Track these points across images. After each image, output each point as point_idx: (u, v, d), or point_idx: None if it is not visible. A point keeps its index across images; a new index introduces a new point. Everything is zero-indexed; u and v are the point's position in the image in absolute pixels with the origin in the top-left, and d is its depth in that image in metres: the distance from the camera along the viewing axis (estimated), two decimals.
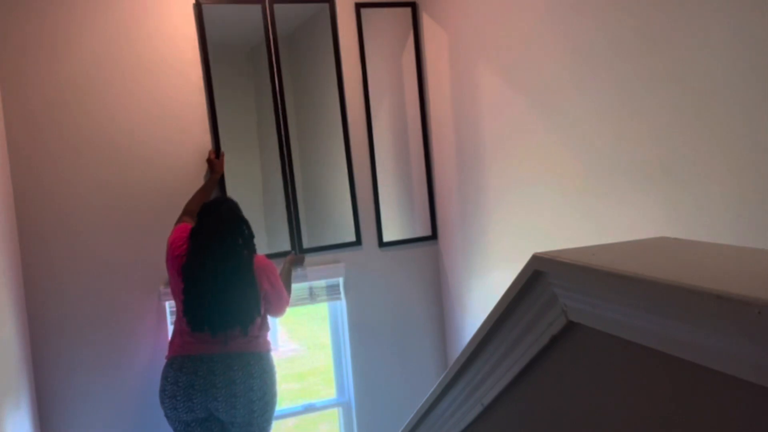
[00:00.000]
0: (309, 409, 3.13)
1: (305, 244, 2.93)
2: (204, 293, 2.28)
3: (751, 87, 1.40)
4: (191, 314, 2.29)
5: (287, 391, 5.81)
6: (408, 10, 3.05)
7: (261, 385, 2.36)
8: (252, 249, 2.38)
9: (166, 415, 2.36)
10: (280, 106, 2.86)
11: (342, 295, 3.04)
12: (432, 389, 1.47)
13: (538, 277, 1.03)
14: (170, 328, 2.70)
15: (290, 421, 3.38)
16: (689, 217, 1.60)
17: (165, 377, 2.35)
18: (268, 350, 2.45)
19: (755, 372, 0.67)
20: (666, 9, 1.61)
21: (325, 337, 3.29)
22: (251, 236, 2.39)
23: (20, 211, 2.53)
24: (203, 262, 2.28)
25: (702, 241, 1.07)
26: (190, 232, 2.36)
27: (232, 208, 2.41)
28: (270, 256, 2.62)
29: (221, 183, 2.77)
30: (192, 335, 2.32)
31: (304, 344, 7.35)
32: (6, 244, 2.30)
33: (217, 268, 2.28)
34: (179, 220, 2.52)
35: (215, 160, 2.74)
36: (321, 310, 3.28)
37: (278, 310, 2.50)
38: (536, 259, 1.02)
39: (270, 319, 2.54)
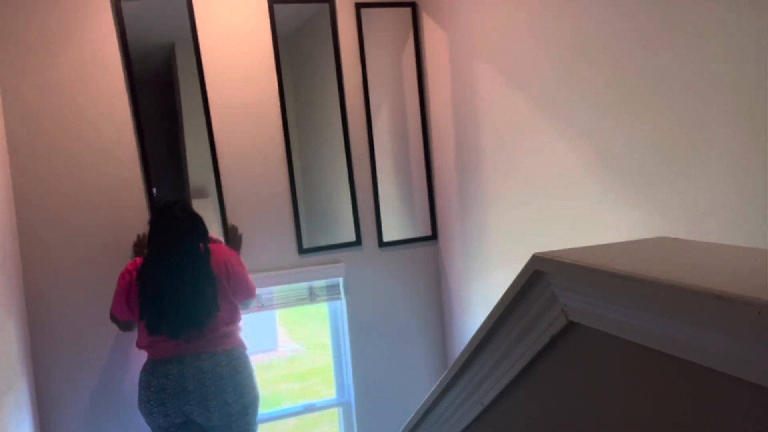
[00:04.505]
0: (309, 409, 3.13)
1: (305, 244, 2.93)
2: (162, 296, 2.25)
3: (751, 86, 1.40)
4: (148, 317, 2.26)
5: (287, 391, 5.82)
6: (408, 10, 3.05)
7: (235, 387, 2.28)
8: (207, 244, 2.33)
9: (146, 421, 2.33)
10: (279, 105, 2.86)
11: (342, 295, 3.04)
12: (432, 389, 1.47)
13: (538, 277, 1.03)
14: None
15: (290, 421, 3.38)
16: (689, 217, 1.60)
17: (140, 382, 2.33)
18: (240, 346, 2.39)
19: (755, 372, 0.67)
20: (665, 8, 1.61)
21: (325, 337, 3.29)
22: (206, 231, 2.34)
23: (20, 211, 2.53)
24: (161, 265, 2.25)
25: (702, 241, 1.07)
26: (149, 237, 2.32)
27: (185, 208, 2.35)
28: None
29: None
30: (159, 338, 2.29)
31: (304, 344, 7.35)
32: (6, 244, 2.30)
33: (176, 271, 2.25)
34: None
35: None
36: (321, 310, 3.28)
37: (249, 293, 2.45)
38: (536, 259, 1.02)
39: (243, 314, 2.48)
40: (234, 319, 2.40)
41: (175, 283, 2.24)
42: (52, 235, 2.57)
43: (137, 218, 2.66)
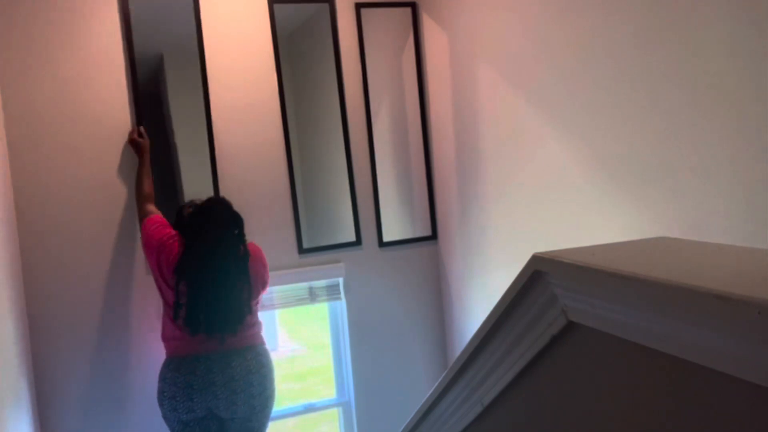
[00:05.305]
0: (309, 409, 3.13)
1: (305, 244, 2.93)
2: (203, 297, 2.27)
3: (751, 86, 1.40)
4: (190, 318, 2.28)
5: (287, 391, 5.81)
6: (408, 10, 3.05)
7: (261, 380, 2.37)
8: (246, 246, 2.37)
9: (165, 416, 2.36)
10: (279, 106, 2.86)
11: (342, 295, 3.04)
12: (432, 389, 1.47)
13: (538, 277, 1.03)
14: None
15: (290, 421, 3.37)
16: (689, 217, 1.60)
17: (163, 379, 2.35)
18: (262, 343, 2.45)
19: (755, 372, 0.67)
20: (665, 8, 1.61)
21: (325, 337, 3.29)
22: (245, 234, 2.38)
23: (20, 211, 2.53)
24: (204, 266, 2.27)
25: (702, 241, 1.07)
26: (184, 234, 2.32)
27: (228, 207, 2.38)
28: None
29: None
30: (187, 337, 2.31)
31: (304, 344, 7.36)
32: (6, 244, 2.30)
33: (219, 273, 2.28)
34: (147, 213, 2.45)
35: (139, 138, 2.58)
36: (321, 310, 3.28)
37: (266, 286, 2.52)
38: (536, 259, 1.02)
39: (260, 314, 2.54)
40: (258, 317, 2.47)
41: (218, 285, 2.27)
42: (53, 233, 2.57)
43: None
